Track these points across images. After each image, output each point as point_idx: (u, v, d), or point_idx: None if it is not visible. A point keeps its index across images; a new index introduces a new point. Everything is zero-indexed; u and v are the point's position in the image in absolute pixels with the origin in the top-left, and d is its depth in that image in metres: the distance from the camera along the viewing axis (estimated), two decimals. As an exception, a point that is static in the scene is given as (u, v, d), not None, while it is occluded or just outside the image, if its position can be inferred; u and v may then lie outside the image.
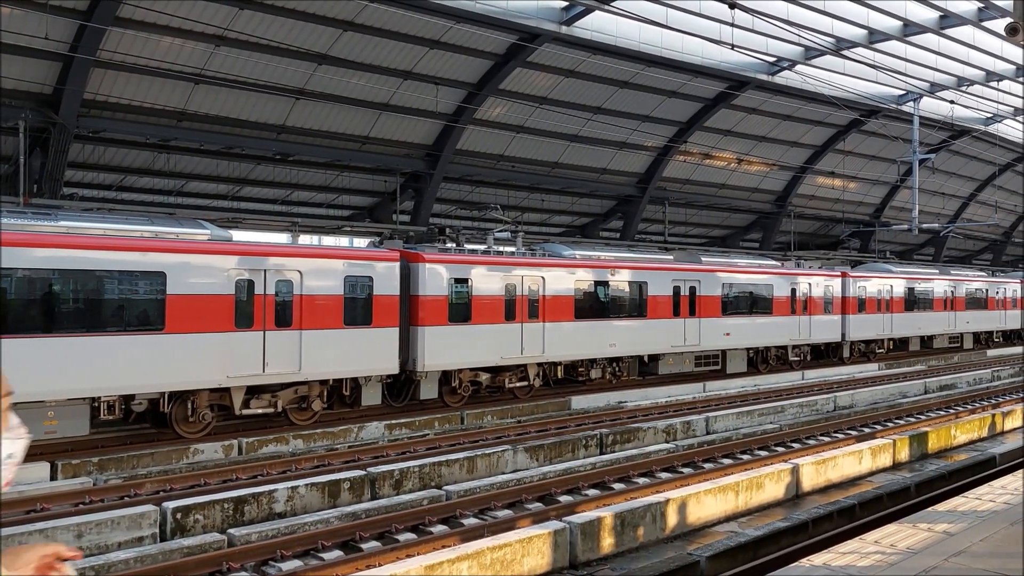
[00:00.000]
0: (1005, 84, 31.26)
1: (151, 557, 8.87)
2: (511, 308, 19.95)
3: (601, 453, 15.41)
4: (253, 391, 15.91)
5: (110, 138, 20.16)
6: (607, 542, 9.63)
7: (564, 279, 21.20)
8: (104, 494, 11.47)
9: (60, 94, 17.91)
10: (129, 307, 14.41)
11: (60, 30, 16.97)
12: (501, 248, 21.89)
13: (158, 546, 9.25)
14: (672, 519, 10.43)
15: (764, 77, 27.21)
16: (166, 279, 14.52)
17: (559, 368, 21.51)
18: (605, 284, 22.36)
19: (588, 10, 21.49)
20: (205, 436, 15.23)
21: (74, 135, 18.55)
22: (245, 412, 15.82)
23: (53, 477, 12.65)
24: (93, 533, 9.55)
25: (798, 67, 26.76)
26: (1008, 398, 23.00)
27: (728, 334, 25.65)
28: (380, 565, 8.59)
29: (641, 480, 12.95)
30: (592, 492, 12.14)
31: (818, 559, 7.19)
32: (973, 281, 39.35)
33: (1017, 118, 35.89)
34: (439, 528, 10.31)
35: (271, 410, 16.20)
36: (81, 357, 13.53)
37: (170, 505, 10.29)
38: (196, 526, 10.33)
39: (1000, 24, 18.64)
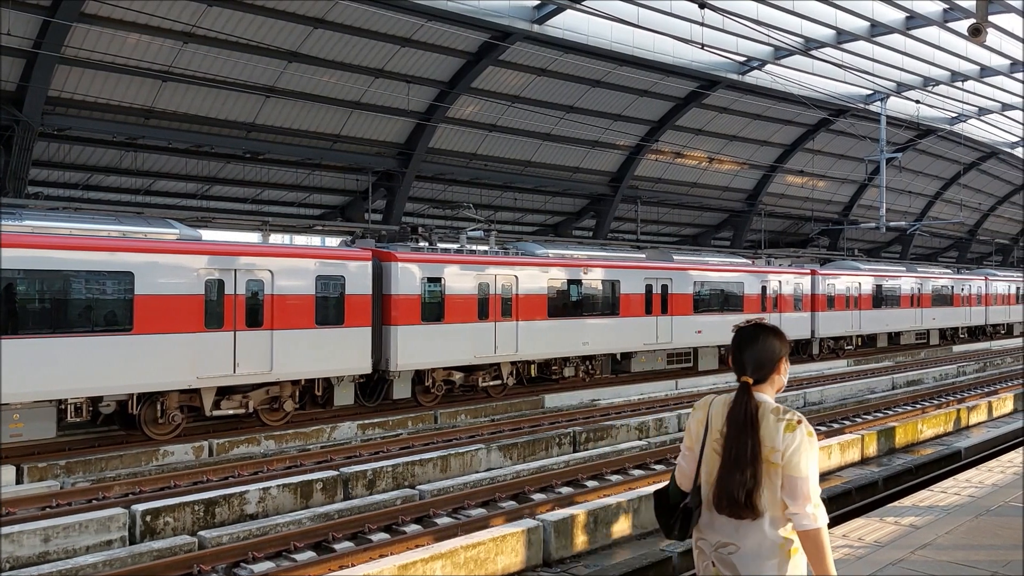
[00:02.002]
0: (970, 84, 31.81)
1: (120, 561, 8.76)
2: (484, 307, 19.95)
3: (575, 451, 15.48)
4: (224, 392, 15.76)
5: (76, 136, 19.83)
6: (581, 539, 9.67)
7: (537, 278, 21.24)
8: (71, 497, 11.31)
9: (24, 91, 17.58)
10: (96, 307, 14.20)
11: (23, 26, 16.66)
12: (474, 247, 21.88)
13: (127, 549, 9.14)
14: (645, 516, 10.48)
15: (734, 77, 27.45)
16: (134, 279, 14.33)
17: (533, 367, 21.54)
18: (578, 283, 22.43)
19: (560, 9, 21.53)
20: (175, 438, 15.06)
21: (39, 133, 18.22)
22: (216, 413, 15.66)
23: (19, 481, 12.45)
24: (60, 537, 9.41)
25: (768, 67, 27.02)
26: (973, 393, 23.44)
27: (700, 332, 25.86)
28: (353, 565, 8.56)
29: (614, 477, 13.02)
30: (566, 490, 12.19)
31: (788, 553, 7.27)
32: (939, 278, 40.03)
33: (981, 118, 36.55)
34: (412, 528, 10.30)
35: (242, 411, 16.05)
36: (47, 358, 13.31)
37: (139, 508, 10.17)
38: (166, 529, 10.22)
39: (964, 25, 18.95)
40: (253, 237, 21.36)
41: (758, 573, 3.09)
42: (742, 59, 26.51)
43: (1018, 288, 47.71)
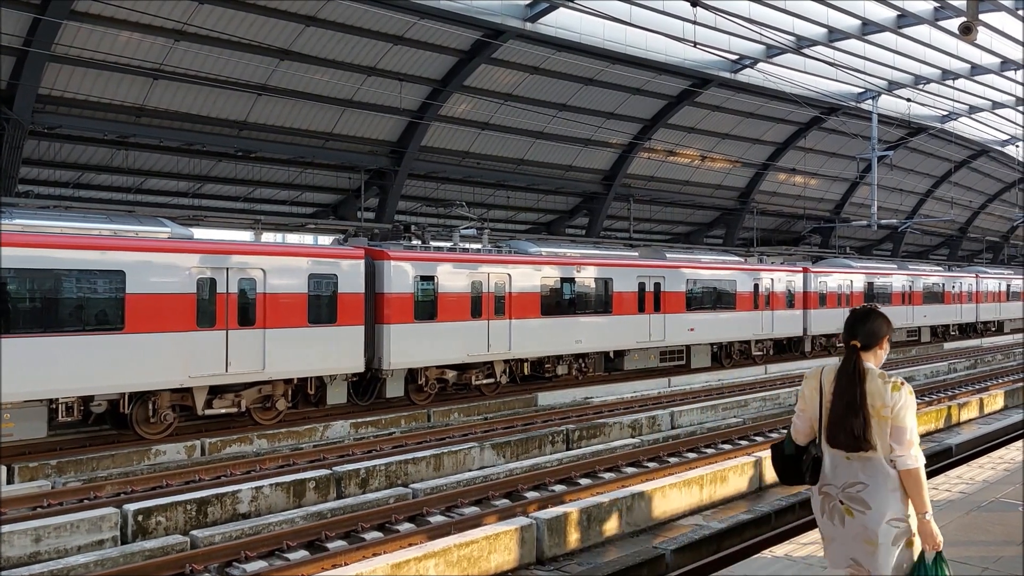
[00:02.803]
0: (961, 82, 31.93)
1: (112, 560, 8.73)
2: (477, 305, 19.94)
3: (568, 449, 15.49)
4: (216, 391, 15.72)
5: (66, 134, 19.73)
6: (574, 537, 9.68)
7: (530, 276, 21.24)
8: (63, 497, 11.27)
9: (14, 89, 17.49)
10: (87, 307, 14.14)
11: (13, 24, 16.56)
12: (467, 245, 21.87)
13: (119, 549, 9.11)
14: (638, 513, 10.51)
15: (727, 75, 27.48)
16: (125, 278, 14.27)
17: (526, 365, 21.55)
18: (571, 281, 22.45)
19: (552, 7, 21.53)
20: (167, 437, 15.01)
21: (29, 131, 18.12)
22: (208, 412, 15.62)
23: (10, 481, 12.38)
24: (52, 537, 9.37)
25: (760, 65, 27.06)
26: (964, 390, 23.54)
27: (692, 329, 25.90)
28: (346, 564, 8.55)
29: (607, 475, 13.03)
30: (559, 488, 12.19)
31: (780, 550, 7.30)
32: (930, 276, 40.20)
33: (972, 116, 36.70)
34: (406, 526, 10.29)
35: (234, 410, 16.01)
36: (38, 358, 13.24)
37: (131, 507, 10.13)
38: (158, 528, 10.19)
39: (955, 23, 19.03)
40: (245, 236, 21.31)
41: (884, 504, 3.89)
42: (734, 57, 26.54)
43: (1008, 285, 47.96)
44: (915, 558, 3.96)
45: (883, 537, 3.89)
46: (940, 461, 14.03)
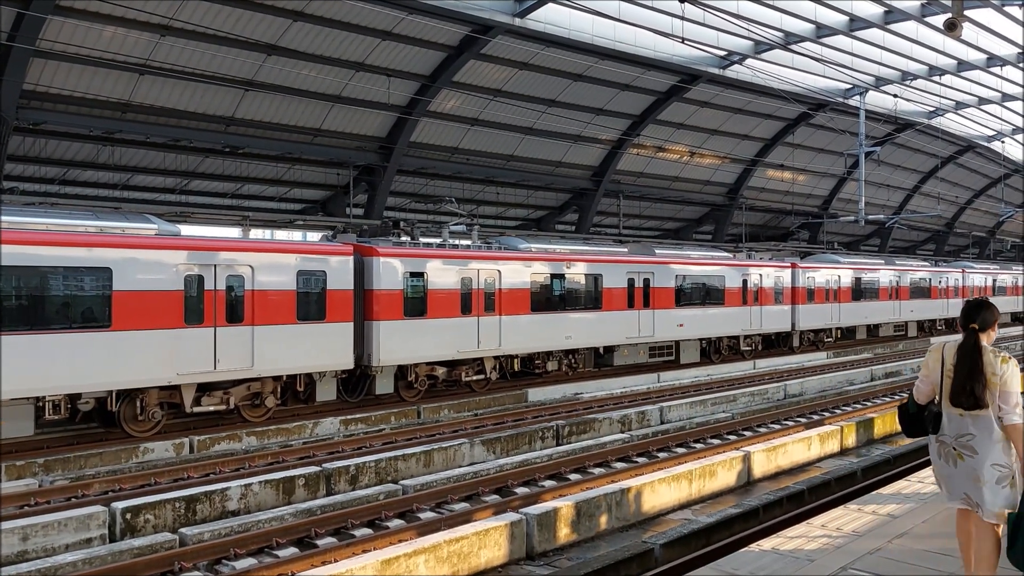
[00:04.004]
0: (947, 78, 32.12)
1: (100, 559, 8.70)
2: (467, 302, 19.93)
3: (558, 444, 15.52)
4: (204, 388, 15.66)
5: (52, 130, 19.58)
6: (564, 532, 9.70)
7: (520, 272, 21.24)
8: (50, 495, 11.21)
9: (-2, 85, 17.34)
10: (74, 304, 14.05)
11: (-3, 19, 16.42)
12: (456, 241, 21.85)
13: (107, 547, 9.07)
14: (628, 508, 10.55)
15: (715, 71, 27.53)
16: (112, 275, 14.19)
17: (516, 361, 21.56)
18: (561, 277, 22.46)
19: (541, 2, 21.51)
20: (155, 435, 14.95)
21: (14, 127, 17.98)
22: (196, 410, 15.57)
23: (-4, 479, 12.30)
24: (40, 536, 9.32)
25: (748, 61, 27.15)
26: (950, 384, 23.67)
27: (681, 325, 25.97)
28: (335, 561, 8.54)
29: (597, 470, 13.07)
30: (549, 483, 12.22)
31: (767, 544, 7.34)
32: (917, 271, 40.44)
33: (959, 112, 36.92)
34: (395, 523, 10.30)
35: (223, 407, 15.96)
36: (25, 356, 13.14)
37: (119, 505, 10.09)
38: (147, 526, 10.15)
39: (942, 20, 19.11)
40: (233, 232, 21.23)
41: (988, 451, 5.05)
42: (723, 53, 26.62)
43: (995, 280, 48.30)
44: (1018, 496, 4.98)
45: (987, 477, 5.04)
46: (926, 455, 14.11)
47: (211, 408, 15.80)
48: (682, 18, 21.58)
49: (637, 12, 22.42)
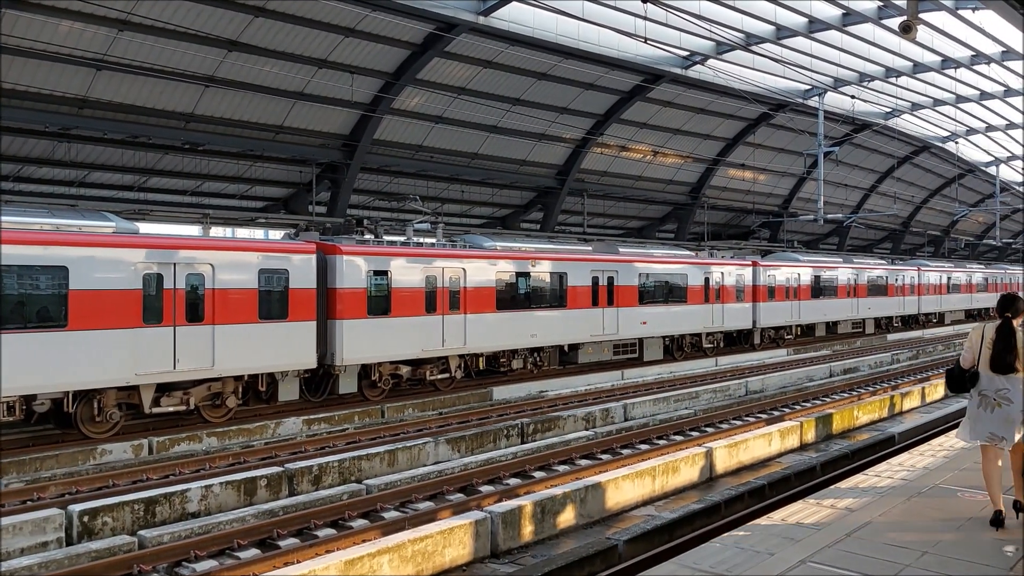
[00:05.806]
0: (903, 80, 32.79)
1: (57, 562, 8.54)
2: (432, 300, 19.88)
3: (522, 443, 15.55)
4: (164, 388, 15.42)
5: (6, 126, 19.09)
6: (528, 530, 9.74)
7: (485, 271, 21.24)
8: (5, 499, 10.96)
9: (-51, 79, 16.90)
10: (29, 303, 13.74)
11: (-53, 11, 16.00)
12: (421, 240, 21.78)
13: (64, 551, 8.90)
14: (592, 505, 10.62)
15: (678, 71, 27.80)
16: (68, 274, 13.91)
17: (481, 359, 21.56)
18: (526, 275, 22.50)
19: (505, 1, 21.52)
20: (113, 436, 14.69)
21: (-35, 122, 17.55)
22: (156, 410, 15.32)
23: (-53, 484, 11.99)
24: (-8, 541, 9.10)
25: (710, 61, 27.45)
26: (906, 380, 24.23)
27: (645, 323, 26.18)
28: (298, 562, 8.48)
29: (562, 468, 13.13)
30: (514, 481, 12.24)
31: (729, 538, 7.44)
32: (874, 269, 41.22)
33: (914, 113, 37.70)
34: (359, 523, 10.25)
35: (183, 408, 15.73)
36: (-24, 357, 12.83)
37: (76, 508, 9.91)
38: (105, 529, 9.98)
39: (898, 22, 19.55)
40: (193, 230, 20.92)
41: (1021, 401, 7.01)
42: (685, 53, 26.88)
43: (949, 278, 49.42)
44: None
45: (1018, 419, 7.02)
46: (883, 449, 14.43)
47: (171, 409, 15.57)
48: (645, 18, 21.75)
49: (601, 12, 22.55)
